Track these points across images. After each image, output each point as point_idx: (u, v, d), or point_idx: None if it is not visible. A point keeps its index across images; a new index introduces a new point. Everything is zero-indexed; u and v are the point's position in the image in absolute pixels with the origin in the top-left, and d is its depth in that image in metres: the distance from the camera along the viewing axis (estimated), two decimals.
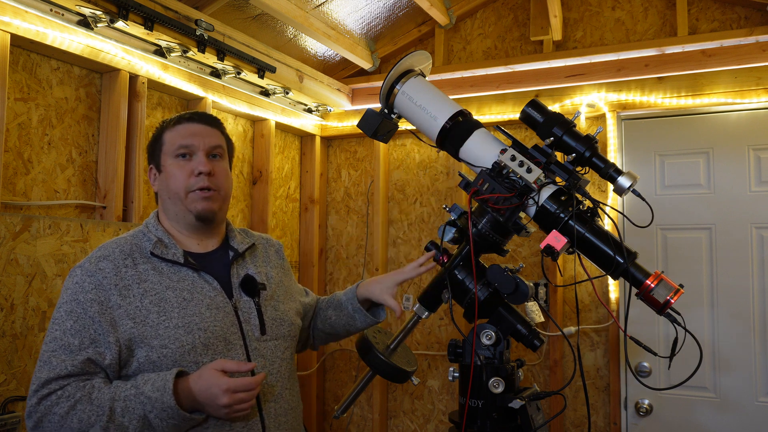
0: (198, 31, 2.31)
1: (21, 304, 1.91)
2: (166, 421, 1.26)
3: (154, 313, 1.34)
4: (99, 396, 1.26)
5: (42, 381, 1.27)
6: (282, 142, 3.30)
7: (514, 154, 1.48)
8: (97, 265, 1.36)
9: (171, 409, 1.25)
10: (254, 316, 1.46)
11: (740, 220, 2.69)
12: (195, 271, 1.42)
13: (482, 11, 3.26)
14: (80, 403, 1.24)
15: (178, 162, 1.45)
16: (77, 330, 1.30)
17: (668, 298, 1.36)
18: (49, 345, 1.30)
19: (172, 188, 1.45)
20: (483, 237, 1.51)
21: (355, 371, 3.35)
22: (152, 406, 1.25)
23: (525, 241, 3.00)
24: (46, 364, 1.28)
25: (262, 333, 1.45)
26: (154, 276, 1.38)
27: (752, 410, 2.62)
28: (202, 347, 1.35)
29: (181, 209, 1.46)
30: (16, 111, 2.02)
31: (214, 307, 1.40)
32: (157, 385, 1.26)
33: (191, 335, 1.34)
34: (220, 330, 1.38)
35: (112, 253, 1.39)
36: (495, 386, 1.44)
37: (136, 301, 1.34)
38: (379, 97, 1.70)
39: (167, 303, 1.35)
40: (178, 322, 1.34)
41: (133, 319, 1.32)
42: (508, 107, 3.02)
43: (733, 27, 2.77)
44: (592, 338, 2.85)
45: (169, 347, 1.32)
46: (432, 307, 1.58)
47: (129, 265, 1.37)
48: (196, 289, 1.40)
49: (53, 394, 1.26)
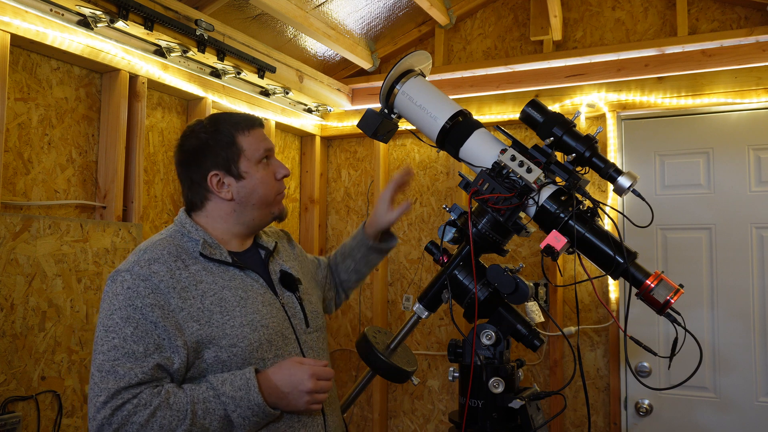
0: (198, 31, 2.31)
1: (21, 304, 1.91)
2: (249, 419, 1.28)
3: (217, 313, 1.33)
4: (177, 401, 1.24)
5: (112, 391, 1.22)
6: (282, 142, 3.30)
7: (514, 154, 1.48)
8: (149, 269, 1.31)
9: (257, 406, 1.27)
10: (299, 310, 1.50)
11: (740, 220, 2.69)
12: (241, 270, 1.43)
13: (482, 11, 3.26)
14: (160, 410, 1.22)
15: (264, 167, 1.47)
16: (140, 336, 1.26)
17: (668, 298, 1.36)
18: (108, 354, 1.25)
19: (261, 194, 1.46)
20: (483, 237, 1.51)
21: (355, 371, 3.35)
22: (236, 405, 1.26)
23: (525, 241, 3.00)
24: (111, 374, 1.23)
25: (307, 326, 1.50)
26: (207, 276, 1.37)
27: (752, 410, 2.62)
28: (267, 344, 1.37)
29: (262, 213, 1.48)
30: (16, 111, 2.02)
31: (267, 303, 1.42)
32: (237, 384, 1.27)
33: (257, 333, 1.36)
34: (277, 325, 1.41)
35: (161, 255, 1.34)
36: (495, 386, 1.44)
37: (197, 302, 1.32)
38: (379, 97, 1.70)
39: (227, 302, 1.35)
40: (242, 320, 1.35)
41: (198, 320, 1.30)
42: (508, 107, 3.02)
43: (733, 27, 2.77)
44: (592, 338, 2.85)
45: (239, 346, 1.33)
46: (432, 307, 1.58)
47: (180, 267, 1.34)
48: (248, 287, 1.41)
49: (128, 404, 1.21)
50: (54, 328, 2.00)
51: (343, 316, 3.39)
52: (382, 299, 3.25)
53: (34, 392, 1.93)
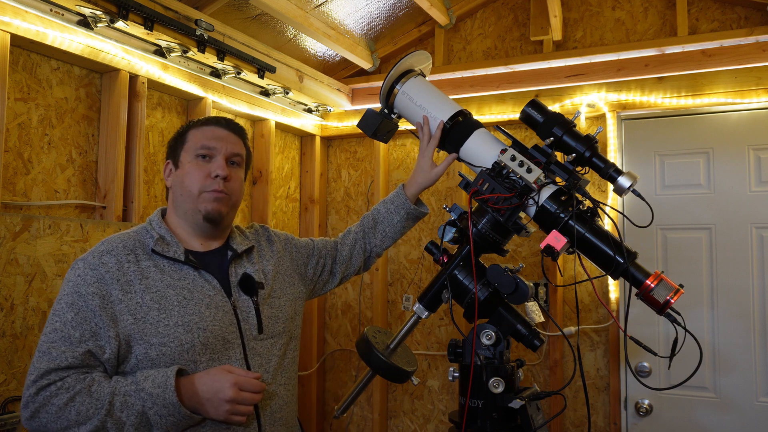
0: (198, 31, 2.31)
1: (21, 304, 1.91)
2: (165, 418, 1.26)
3: (155, 310, 1.34)
4: (98, 389, 1.26)
5: (41, 371, 1.26)
6: (282, 142, 3.30)
7: (514, 154, 1.48)
8: (100, 259, 1.36)
9: (172, 406, 1.26)
10: (252, 315, 1.47)
11: (740, 220, 2.69)
12: (195, 270, 1.43)
13: (482, 11, 3.26)
14: (79, 396, 1.25)
15: (198, 161, 1.48)
16: (78, 322, 1.30)
17: (668, 298, 1.36)
18: (48, 336, 1.30)
19: (186, 185, 1.47)
20: (483, 237, 1.51)
21: (355, 371, 3.35)
22: (153, 402, 1.26)
23: (525, 241, 3.00)
24: (45, 355, 1.28)
25: (260, 332, 1.47)
26: (155, 273, 1.38)
27: (752, 410, 2.62)
28: (201, 346, 1.36)
29: (191, 207, 1.47)
30: (16, 111, 2.02)
31: (213, 306, 1.40)
32: (157, 381, 1.27)
33: (190, 334, 1.35)
34: (219, 329, 1.39)
35: (115, 247, 1.39)
36: (495, 386, 1.44)
37: (137, 297, 1.34)
38: (379, 97, 1.70)
39: (167, 301, 1.36)
40: (178, 320, 1.35)
41: (134, 315, 1.32)
42: (508, 107, 3.02)
43: (733, 27, 2.77)
44: (592, 338, 2.85)
45: (168, 345, 1.32)
46: (432, 307, 1.58)
47: (132, 261, 1.38)
48: (196, 288, 1.40)
49: (52, 385, 1.25)
50: None
51: (343, 316, 3.39)
52: (382, 299, 3.25)
53: None
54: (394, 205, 1.79)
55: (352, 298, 3.37)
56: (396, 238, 1.85)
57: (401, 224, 1.81)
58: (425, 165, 1.72)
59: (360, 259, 1.84)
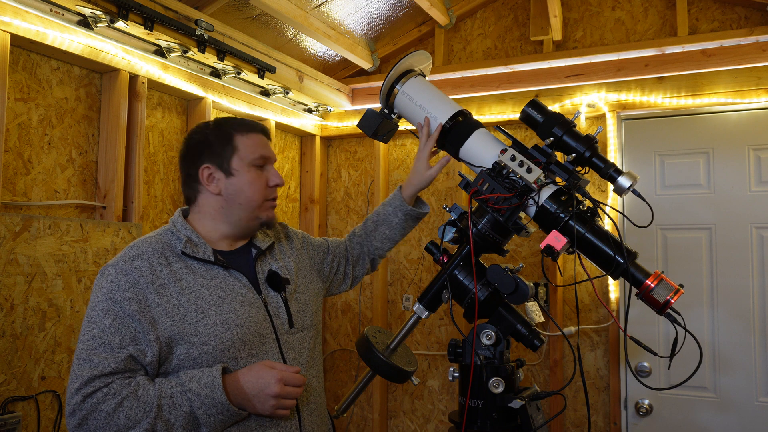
0: (198, 31, 2.31)
1: (21, 304, 1.91)
2: (214, 416, 1.29)
3: (192, 311, 1.36)
4: (145, 393, 1.27)
5: (85, 379, 1.26)
6: (282, 142, 3.30)
7: (514, 154, 1.48)
8: (132, 264, 1.36)
9: (221, 405, 1.28)
10: (282, 311, 1.50)
11: (740, 220, 2.69)
12: (225, 269, 1.45)
13: (482, 11, 3.26)
14: (127, 400, 1.26)
15: (256, 171, 1.50)
16: (117, 328, 1.30)
17: (668, 298, 1.36)
18: (87, 343, 1.30)
19: (248, 195, 1.48)
20: (483, 237, 1.51)
21: (355, 371, 3.35)
22: (201, 402, 1.28)
23: (525, 241, 3.00)
24: (86, 362, 1.28)
25: (291, 326, 1.50)
26: (188, 275, 1.40)
27: (752, 410, 2.62)
28: (240, 343, 1.38)
29: (248, 215, 1.50)
30: (16, 111, 2.02)
31: (247, 303, 1.43)
32: (203, 381, 1.29)
33: (230, 332, 1.37)
34: (255, 326, 1.42)
35: (145, 251, 1.39)
36: (495, 386, 1.44)
37: (173, 299, 1.35)
38: (379, 97, 1.70)
39: (203, 301, 1.38)
40: (216, 319, 1.37)
41: (172, 317, 1.34)
42: (508, 107, 3.02)
43: (733, 27, 2.77)
44: (592, 338, 2.85)
45: (210, 344, 1.35)
46: (432, 307, 1.58)
47: (163, 264, 1.39)
48: (229, 287, 1.43)
49: (98, 392, 1.26)
50: (54, 328, 2.00)
51: (343, 316, 3.39)
52: (382, 299, 3.25)
53: (34, 392, 1.94)
54: (392, 207, 1.82)
55: (352, 298, 3.37)
56: (397, 240, 1.86)
57: (401, 226, 1.83)
58: (420, 166, 1.75)
59: (366, 261, 1.88)
